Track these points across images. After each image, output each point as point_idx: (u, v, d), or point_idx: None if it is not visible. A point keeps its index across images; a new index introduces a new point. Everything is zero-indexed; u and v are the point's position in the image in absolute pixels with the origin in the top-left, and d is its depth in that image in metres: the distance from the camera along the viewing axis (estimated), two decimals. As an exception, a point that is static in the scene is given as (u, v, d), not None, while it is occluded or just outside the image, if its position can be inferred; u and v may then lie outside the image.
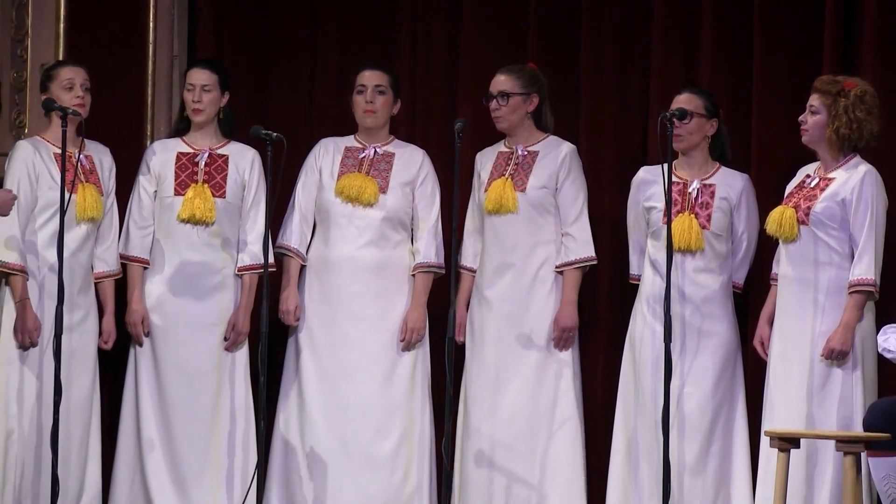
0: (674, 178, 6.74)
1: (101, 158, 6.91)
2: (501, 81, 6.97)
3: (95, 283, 6.95)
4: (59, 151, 6.69)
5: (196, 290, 7.00)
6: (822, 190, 6.59)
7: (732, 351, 6.83)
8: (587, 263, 7.01)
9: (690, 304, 6.78)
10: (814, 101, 6.56)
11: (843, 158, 6.61)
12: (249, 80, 7.65)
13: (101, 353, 7.05)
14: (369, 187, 7.04)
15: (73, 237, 6.67)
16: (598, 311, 7.27)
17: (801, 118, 6.59)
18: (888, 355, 6.21)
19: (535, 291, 7.01)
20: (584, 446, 7.04)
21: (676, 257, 6.69)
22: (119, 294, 7.14)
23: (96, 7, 7.58)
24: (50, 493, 6.28)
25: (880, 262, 6.51)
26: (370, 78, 7.08)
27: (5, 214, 6.46)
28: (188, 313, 7.00)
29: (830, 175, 6.60)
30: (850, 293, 6.50)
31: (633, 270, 6.95)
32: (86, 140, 6.72)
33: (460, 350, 7.03)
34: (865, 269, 6.48)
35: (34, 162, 6.73)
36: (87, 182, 6.73)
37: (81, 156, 6.75)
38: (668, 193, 6.40)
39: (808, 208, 6.56)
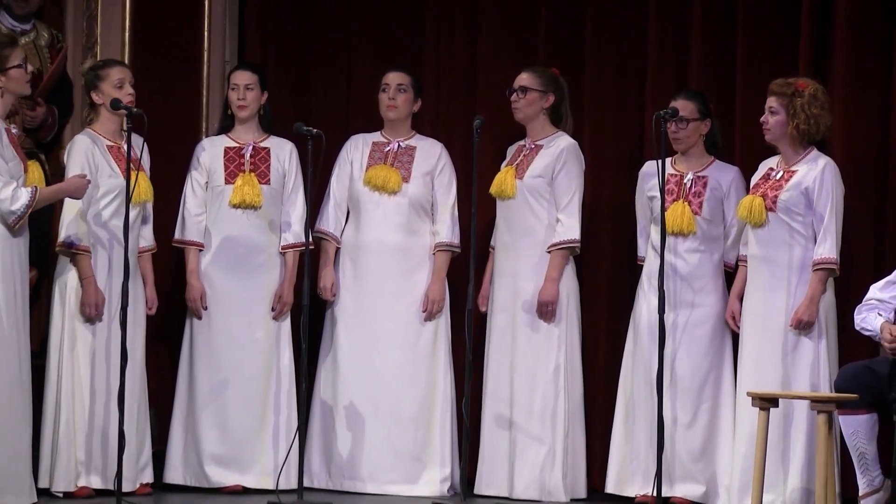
0: (672, 171, 6.97)
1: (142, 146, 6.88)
2: (523, 78, 7.12)
3: (138, 257, 7.05)
4: (112, 143, 6.90)
5: (245, 267, 7.20)
6: (787, 181, 6.73)
7: (720, 321, 6.96)
8: (571, 245, 7.08)
9: (684, 280, 6.93)
10: (772, 102, 6.70)
11: (802, 152, 6.74)
12: (292, 82, 7.83)
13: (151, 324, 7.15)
14: (393, 177, 7.25)
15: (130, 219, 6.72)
16: (600, 288, 7.40)
17: (762, 119, 6.74)
18: (866, 333, 6.38)
19: (534, 268, 7.11)
20: (581, 407, 7.17)
21: (671, 239, 6.86)
22: (170, 271, 7.38)
23: (157, 18, 7.72)
24: (118, 446, 6.48)
25: (839, 242, 6.67)
26: (393, 78, 7.28)
27: (79, 198, 6.63)
28: (239, 288, 7.19)
29: (794, 168, 6.75)
30: (814, 270, 6.66)
31: (640, 252, 7.11)
32: (132, 133, 6.75)
33: (480, 319, 7.20)
34: (828, 249, 6.64)
35: (93, 153, 6.86)
36: (136, 169, 6.77)
37: (129, 148, 6.71)
38: (661, 183, 6.59)
39: (776, 197, 6.71)
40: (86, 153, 6.84)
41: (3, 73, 6.41)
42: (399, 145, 7.35)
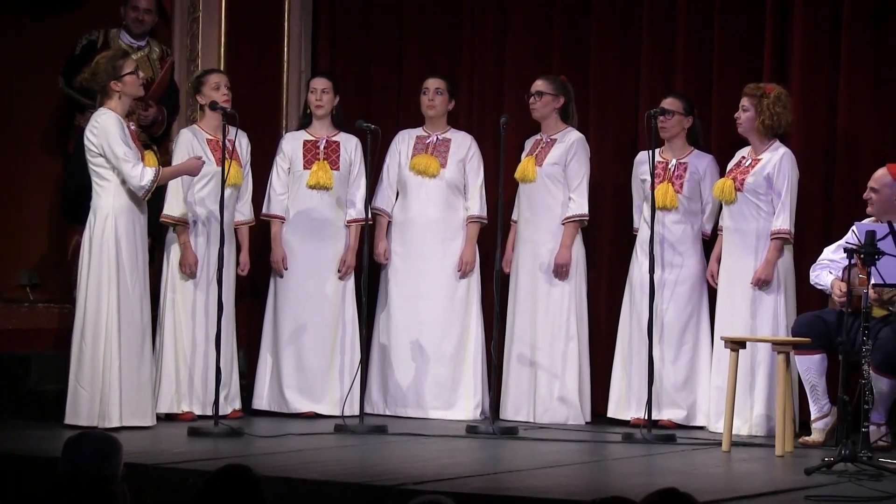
0: (659, 159, 7.41)
1: (240, 140, 7.34)
2: (539, 84, 7.62)
3: (235, 229, 7.44)
4: (211, 137, 7.31)
5: (318, 236, 7.66)
6: (753, 167, 7.18)
7: (699, 279, 7.45)
8: (581, 218, 7.57)
9: (669, 246, 7.40)
10: (744, 102, 7.16)
11: (767, 143, 7.16)
12: (355, 86, 8.28)
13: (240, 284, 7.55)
14: (433, 164, 7.74)
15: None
16: (602, 254, 7.85)
17: (735, 115, 7.18)
18: (819, 287, 6.82)
19: (550, 238, 7.57)
20: (587, 348, 7.59)
21: (659, 213, 7.31)
22: (258, 240, 7.71)
23: (246, 37, 8.16)
24: (215, 382, 6.94)
25: (794, 217, 7.12)
26: (432, 83, 7.76)
27: (195, 175, 7.07)
28: (313, 253, 7.65)
29: (759, 157, 7.18)
30: (771, 239, 7.11)
31: (635, 224, 7.58)
32: (229, 127, 7.09)
33: (504, 278, 7.57)
34: (783, 222, 7.10)
35: (193, 144, 7.32)
36: (230, 158, 7.14)
37: (225, 140, 7.07)
38: (651, 168, 7.14)
39: (743, 180, 7.18)
40: (187, 145, 7.33)
41: (119, 80, 6.86)
42: (437, 138, 7.82)
